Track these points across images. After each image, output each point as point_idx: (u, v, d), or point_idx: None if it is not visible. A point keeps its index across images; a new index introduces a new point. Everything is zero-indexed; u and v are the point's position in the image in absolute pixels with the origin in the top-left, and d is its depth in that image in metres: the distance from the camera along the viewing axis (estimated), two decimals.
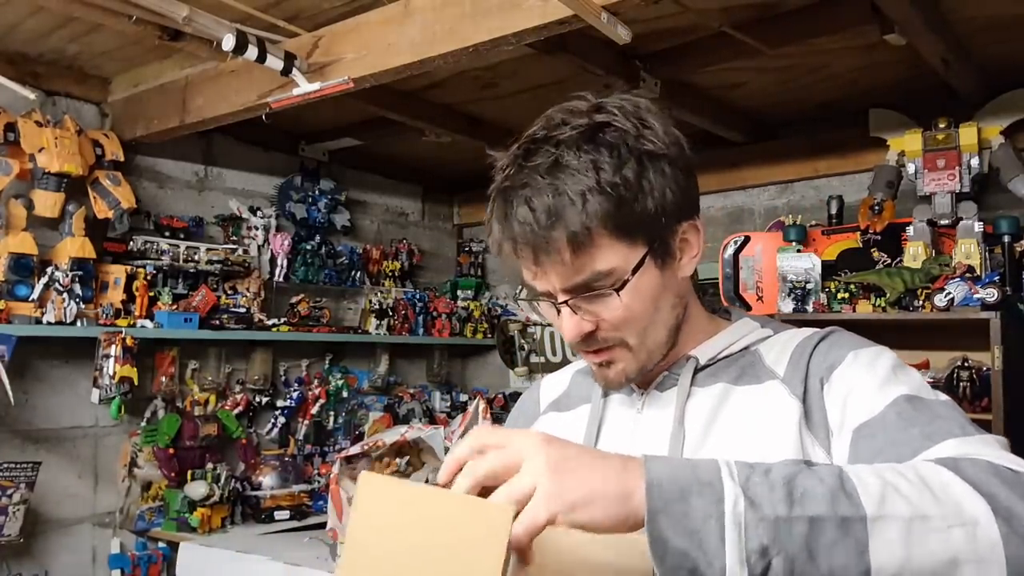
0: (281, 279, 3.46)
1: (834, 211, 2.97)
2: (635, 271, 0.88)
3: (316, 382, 3.56)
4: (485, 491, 0.68)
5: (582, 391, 1.09)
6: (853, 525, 0.66)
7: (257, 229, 3.42)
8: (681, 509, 0.67)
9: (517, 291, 1.02)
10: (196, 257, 3.11)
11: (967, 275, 2.41)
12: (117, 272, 2.85)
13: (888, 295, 2.54)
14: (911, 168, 2.68)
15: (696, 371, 0.97)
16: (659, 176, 0.89)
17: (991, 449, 0.76)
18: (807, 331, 0.99)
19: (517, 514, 0.65)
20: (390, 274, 3.94)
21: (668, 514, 0.66)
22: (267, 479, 3.19)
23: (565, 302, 0.89)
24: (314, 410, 3.50)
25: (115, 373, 2.70)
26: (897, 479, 0.70)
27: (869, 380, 0.88)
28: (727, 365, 0.97)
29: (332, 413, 3.59)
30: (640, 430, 0.97)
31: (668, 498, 0.67)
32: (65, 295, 2.65)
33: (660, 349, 0.95)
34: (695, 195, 0.95)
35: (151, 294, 2.94)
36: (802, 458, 0.85)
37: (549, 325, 4.01)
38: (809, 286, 2.71)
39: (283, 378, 3.50)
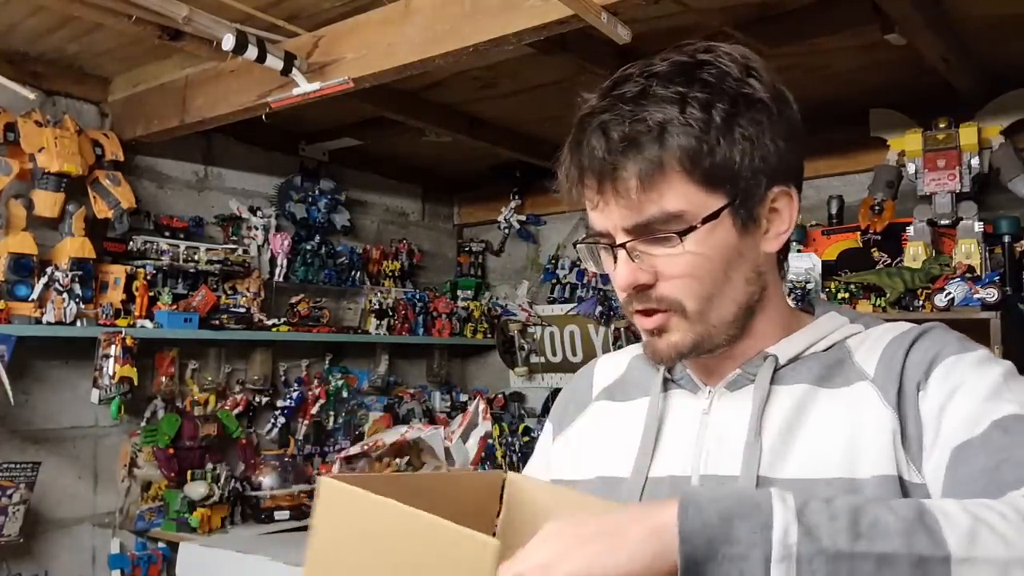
0: (281, 279, 3.46)
1: (834, 211, 2.98)
2: (706, 220, 0.78)
3: (316, 382, 3.55)
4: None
5: (641, 380, 0.96)
6: (933, 567, 0.55)
7: (257, 229, 3.42)
8: (722, 533, 0.57)
9: (577, 238, 0.91)
10: (196, 257, 3.10)
11: (967, 275, 2.41)
12: (117, 272, 2.85)
13: (888, 295, 2.54)
14: (911, 168, 2.68)
15: (775, 371, 0.85)
16: (753, 125, 0.79)
17: None
18: (903, 325, 0.86)
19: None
20: (390, 274, 3.93)
21: (706, 537, 0.57)
22: (267, 479, 3.19)
23: (623, 245, 0.80)
24: (314, 410, 3.50)
25: (115, 373, 2.70)
26: (991, 515, 0.58)
27: (973, 390, 0.75)
28: (810, 361, 0.85)
29: (332, 413, 3.59)
30: (707, 434, 0.86)
31: (706, 520, 0.57)
32: (65, 295, 2.65)
33: (724, 329, 0.83)
34: (796, 162, 0.84)
35: (151, 294, 2.94)
36: (897, 476, 0.74)
37: (550, 324, 4.02)
38: (809, 286, 2.71)
39: (283, 378, 3.50)
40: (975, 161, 2.57)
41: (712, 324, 0.82)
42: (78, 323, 2.69)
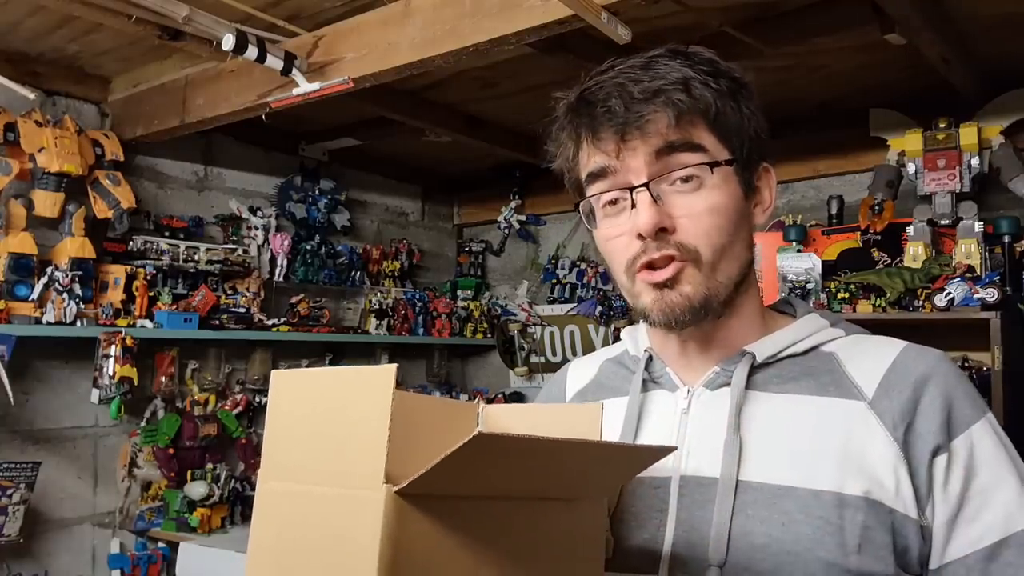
0: (281, 279, 3.46)
1: (834, 211, 2.97)
2: (727, 163, 0.82)
3: None
4: None
5: (614, 382, 0.98)
6: None
7: (257, 229, 3.42)
8: None
9: (576, 204, 0.91)
10: (196, 257, 3.10)
11: (967, 275, 2.41)
12: (117, 272, 2.85)
13: (888, 295, 2.53)
14: (911, 168, 2.68)
15: (753, 370, 0.85)
16: (747, 101, 0.85)
17: None
18: (896, 345, 0.85)
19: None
20: (390, 274, 3.93)
21: None
22: None
23: (646, 185, 0.80)
24: None
25: (115, 373, 2.70)
26: None
27: (996, 499, 0.77)
28: (793, 367, 0.85)
29: None
30: (686, 433, 0.86)
31: None
32: (65, 295, 2.65)
33: (727, 286, 0.83)
34: (770, 145, 0.88)
35: (151, 294, 2.94)
36: (889, 508, 0.76)
37: (550, 324, 4.02)
38: (809, 286, 2.71)
39: None
40: (975, 161, 2.57)
41: (720, 280, 0.83)
42: (78, 323, 2.69)
